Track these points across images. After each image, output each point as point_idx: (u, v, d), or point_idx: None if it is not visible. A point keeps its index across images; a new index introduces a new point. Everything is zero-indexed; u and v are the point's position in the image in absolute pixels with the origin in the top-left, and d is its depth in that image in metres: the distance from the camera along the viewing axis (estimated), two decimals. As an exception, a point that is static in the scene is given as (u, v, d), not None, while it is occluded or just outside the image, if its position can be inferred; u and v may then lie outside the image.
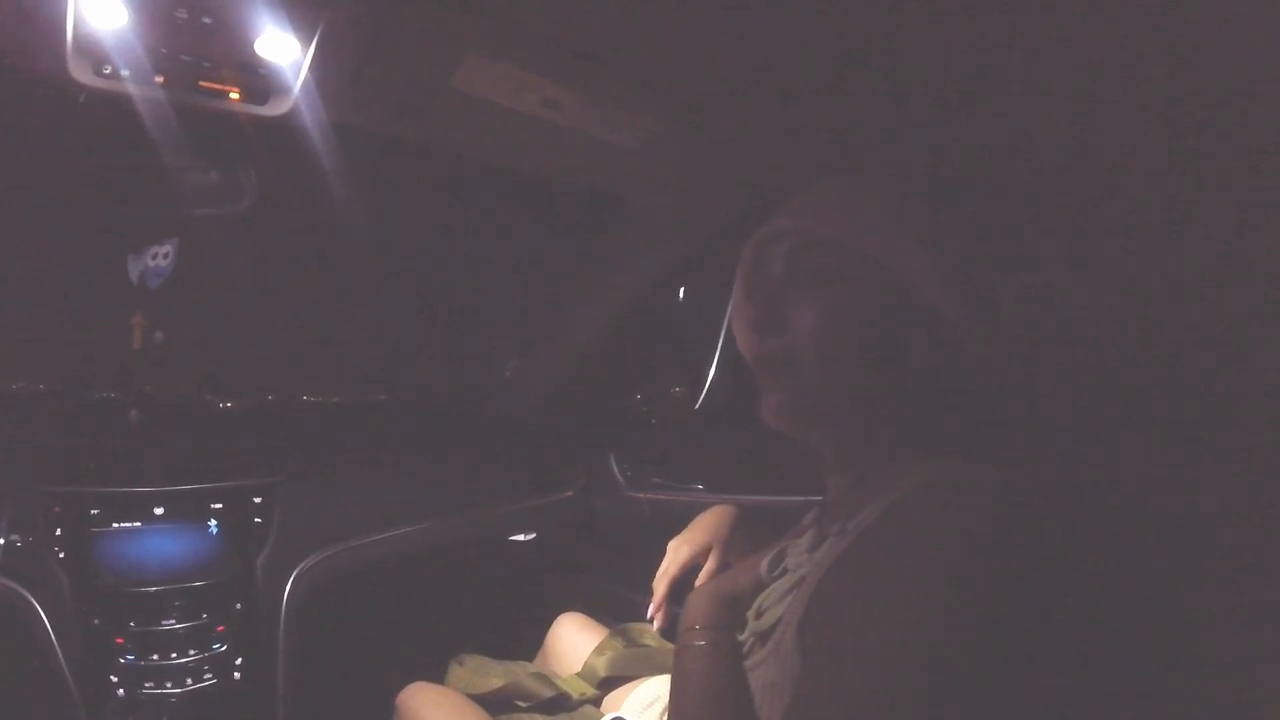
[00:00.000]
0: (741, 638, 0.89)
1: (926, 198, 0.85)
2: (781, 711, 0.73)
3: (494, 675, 1.51)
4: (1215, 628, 0.72)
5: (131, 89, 1.11)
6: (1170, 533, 0.73)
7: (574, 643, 1.63)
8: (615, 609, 2.00)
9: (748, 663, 0.85)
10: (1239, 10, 0.69)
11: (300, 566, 1.69)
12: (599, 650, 1.55)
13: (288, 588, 1.66)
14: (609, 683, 1.49)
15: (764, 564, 0.93)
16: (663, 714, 1.33)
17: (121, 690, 1.42)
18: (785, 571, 0.89)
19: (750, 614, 0.89)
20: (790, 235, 0.87)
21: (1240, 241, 0.76)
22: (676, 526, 2.10)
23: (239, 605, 1.59)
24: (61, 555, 1.48)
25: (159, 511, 1.57)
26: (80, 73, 1.07)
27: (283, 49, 1.09)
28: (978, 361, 0.81)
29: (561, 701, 1.44)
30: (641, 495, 2.22)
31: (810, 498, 1.01)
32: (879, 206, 0.84)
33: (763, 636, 0.84)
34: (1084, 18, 0.76)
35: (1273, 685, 0.68)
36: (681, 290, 2.12)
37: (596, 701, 1.46)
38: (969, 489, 0.72)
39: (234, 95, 1.17)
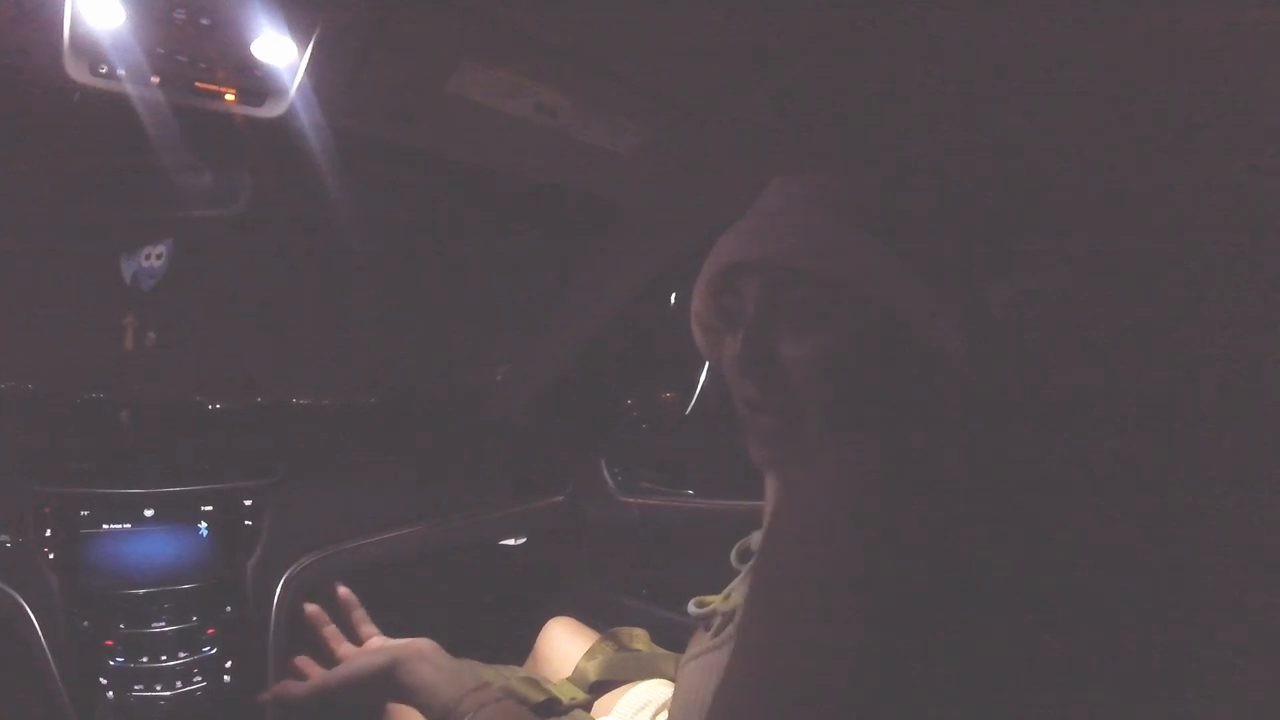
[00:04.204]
0: (702, 612, 0.93)
1: (906, 209, 0.85)
2: None
3: (484, 679, 1.52)
4: (1206, 630, 0.72)
5: (128, 89, 1.10)
6: (1168, 534, 0.74)
7: (564, 647, 1.64)
8: (606, 613, 2.01)
9: (716, 640, 0.87)
10: (1239, 10, 0.70)
11: (290, 569, 1.69)
12: (589, 655, 1.55)
13: (278, 591, 1.66)
14: (599, 687, 1.49)
15: (733, 553, 0.98)
16: (653, 718, 1.33)
17: (111, 693, 1.42)
18: (751, 557, 0.93)
19: (720, 597, 0.93)
20: (766, 267, 0.84)
21: (1240, 241, 0.77)
22: (666, 531, 2.11)
23: (229, 608, 1.59)
24: (51, 556, 1.47)
25: (149, 513, 1.57)
26: (77, 72, 1.07)
27: (280, 51, 1.09)
28: (961, 369, 0.82)
29: (552, 706, 1.44)
30: (632, 500, 2.23)
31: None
32: (854, 226, 0.81)
33: (728, 616, 0.88)
34: (1083, 17, 0.77)
35: (1273, 686, 0.69)
36: (673, 295, 2.12)
37: (587, 706, 1.46)
38: (859, 468, 0.72)
39: (230, 97, 1.17)
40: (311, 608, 1.22)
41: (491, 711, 0.98)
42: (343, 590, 1.28)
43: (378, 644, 1.17)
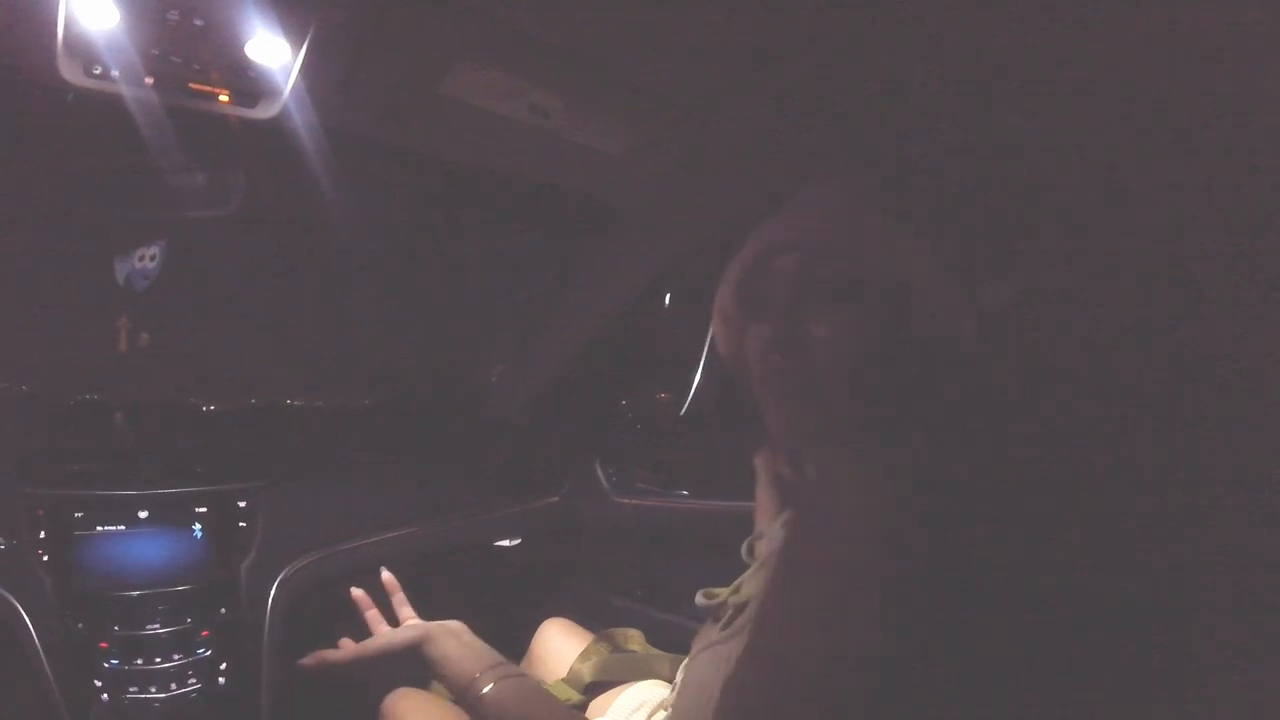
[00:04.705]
0: (710, 604, 0.94)
1: (928, 199, 0.85)
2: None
3: (479, 680, 1.52)
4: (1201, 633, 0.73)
5: (122, 90, 1.10)
6: (1168, 534, 0.74)
7: (559, 648, 1.64)
8: (600, 614, 2.00)
9: (725, 632, 0.87)
10: (1239, 10, 0.70)
11: (285, 571, 1.69)
12: (584, 656, 1.55)
13: (272, 592, 1.66)
14: (594, 688, 1.49)
15: (743, 547, 0.97)
16: (648, 719, 1.33)
17: (106, 695, 1.42)
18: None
19: (729, 590, 0.93)
20: (804, 249, 0.85)
21: (1240, 241, 0.77)
22: (661, 532, 2.11)
23: (224, 610, 1.59)
24: (45, 558, 1.47)
25: (143, 515, 1.56)
26: (70, 73, 1.06)
27: (273, 52, 1.09)
28: (976, 364, 0.82)
29: (548, 707, 1.44)
30: (626, 500, 2.23)
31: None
32: (892, 216, 0.83)
33: (739, 608, 0.88)
34: (1083, 17, 0.77)
35: (1273, 686, 0.69)
36: (668, 296, 2.12)
37: (582, 707, 1.46)
38: (886, 470, 0.72)
39: (224, 98, 1.17)
40: (357, 592, 1.28)
41: (510, 684, 1.04)
42: (386, 575, 1.34)
43: (414, 623, 1.22)
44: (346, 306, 2.28)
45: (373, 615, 1.26)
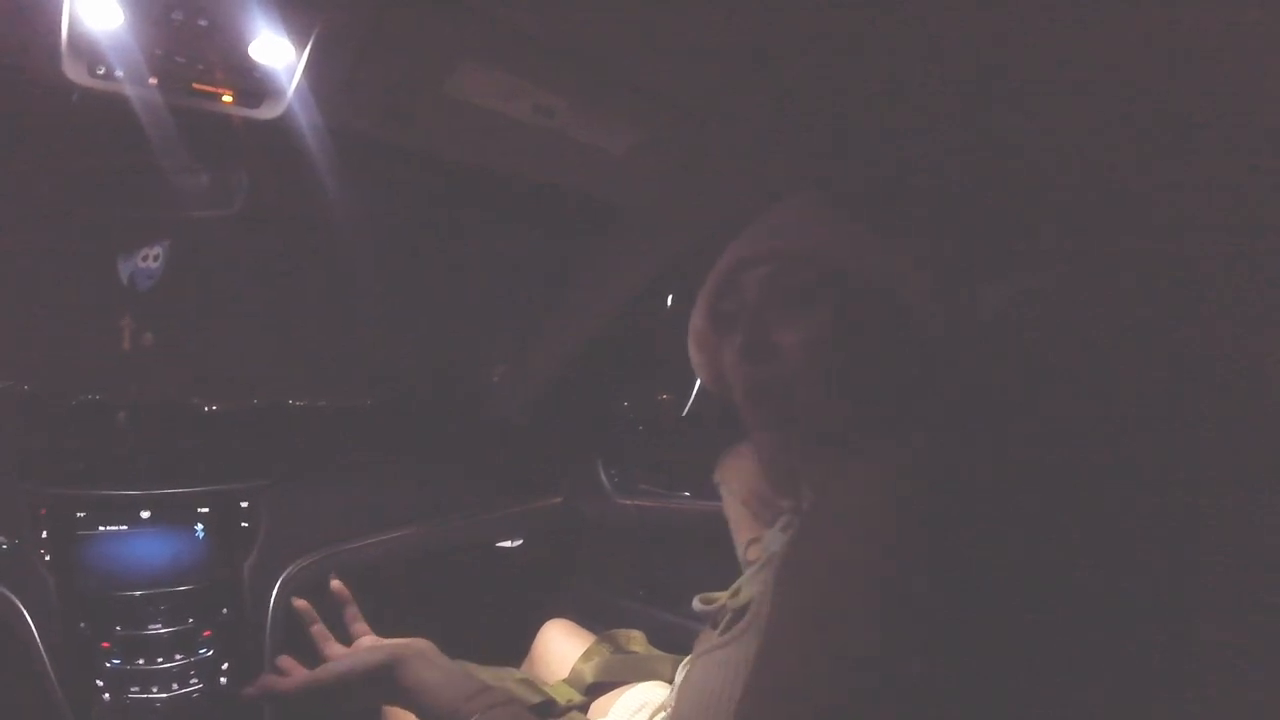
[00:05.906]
0: (709, 609, 0.94)
1: (903, 205, 0.86)
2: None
3: (480, 681, 1.51)
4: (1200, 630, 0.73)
5: (126, 90, 1.10)
6: (1168, 534, 0.74)
7: (561, 649, 1.63)
8: (603, 615, 2.00)
9: (725, 637, 0.87)
10: (1239, 10, 0.70)
11: (287, 571, 1.69)
12: (586, 656, 1.55)
13: (274, 592, 1.66)
14: (596, 689, 1.49)
15: (743, 550, 1.01)
16: (650, 720, 1.33)
17: (107, 695, 1.42)
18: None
19: (728, 593, 0.93)
20: (765, 259, 0.87)
21: (1240, 241, 0.77)
22: (663, 533, 2.10)
23: (226, 610, 1.59)
24: (47, 558, 1.47)
25: (146, 515, 1.57)
26: (75, 73, 1.06)
27: (278, 53, 1.09)
28: (963, 363, 0.82)
29: (548, 707, 1.44)
30: (629, 501, 2.22)
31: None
32: (849, 221, 0.85)
33: (739, 612, 0.88)
34: (1083, 17, 0.77)
35: (1273, 686, 0.69)
36: (670, 297, 2.12)
37: (583, 708, 1.46)
38: (899, 470, 0.72)
39: (227, 98, 1.16)
40: (300, 603, 1.17)
41: (499, 714, 0.94)
42: (336, 584, 1.21)
43: (369, 643, 1.11)
44: (348, 306, 2.28)
45: (318, 630, 1.15)
